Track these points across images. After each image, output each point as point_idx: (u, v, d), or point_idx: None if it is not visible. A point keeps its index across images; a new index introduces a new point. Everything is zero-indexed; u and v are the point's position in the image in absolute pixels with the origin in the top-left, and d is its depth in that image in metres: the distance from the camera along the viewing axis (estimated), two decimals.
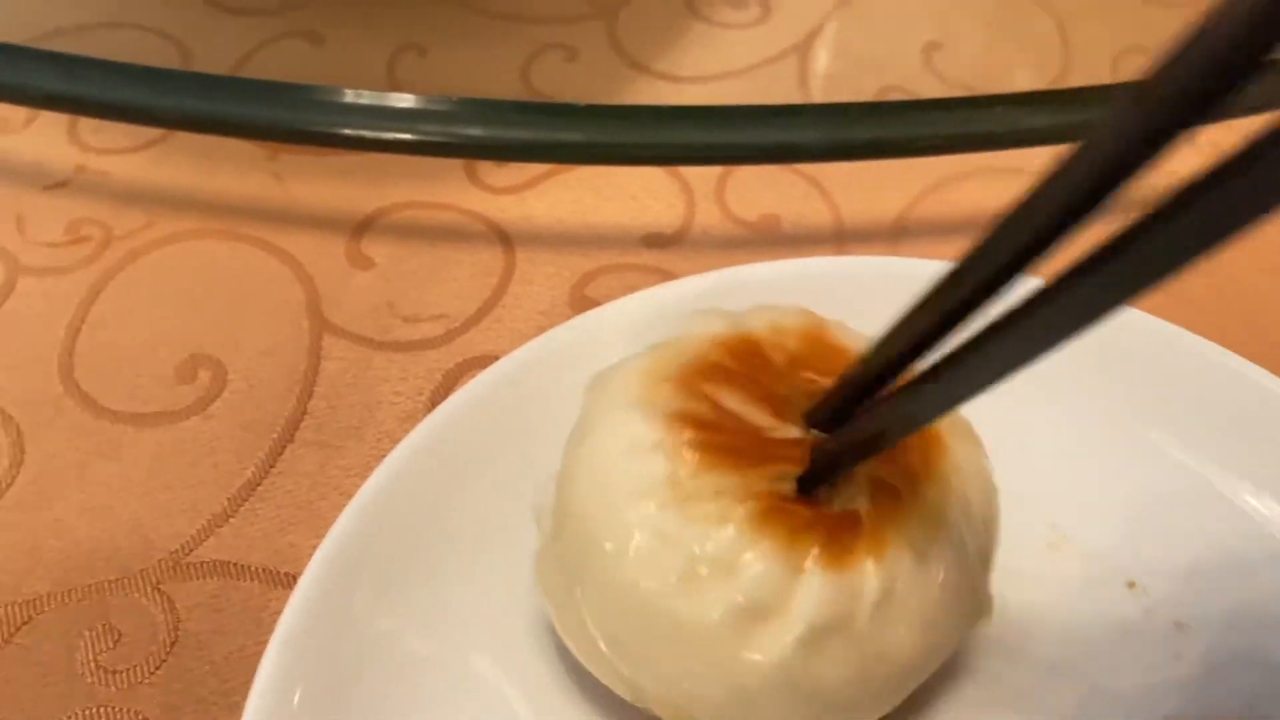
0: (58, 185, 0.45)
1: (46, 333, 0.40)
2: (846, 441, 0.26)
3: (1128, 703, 0.31)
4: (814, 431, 0.27)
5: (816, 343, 0.30)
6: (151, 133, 0.46)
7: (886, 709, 0.28)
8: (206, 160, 0.45)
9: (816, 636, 0.25)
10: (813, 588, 0.25)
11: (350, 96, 0.42)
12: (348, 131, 0.42)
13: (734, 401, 0.28)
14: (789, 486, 0.26)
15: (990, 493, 0.29)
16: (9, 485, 0.36)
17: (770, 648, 0.25)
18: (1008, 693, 0.31)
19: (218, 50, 0.50)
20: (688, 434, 0.27)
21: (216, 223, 0.44)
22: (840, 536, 0.25)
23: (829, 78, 0.51)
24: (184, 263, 0.42)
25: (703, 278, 0.39)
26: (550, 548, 0.29)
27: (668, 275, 0.42)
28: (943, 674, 0.30)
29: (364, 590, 0.30)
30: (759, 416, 0.28)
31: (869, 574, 0.25)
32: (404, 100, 0.42)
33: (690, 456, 0.26)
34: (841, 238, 0.44)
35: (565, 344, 0.36)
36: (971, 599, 0.28)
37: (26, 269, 0.42)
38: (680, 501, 0.26)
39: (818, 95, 0.50)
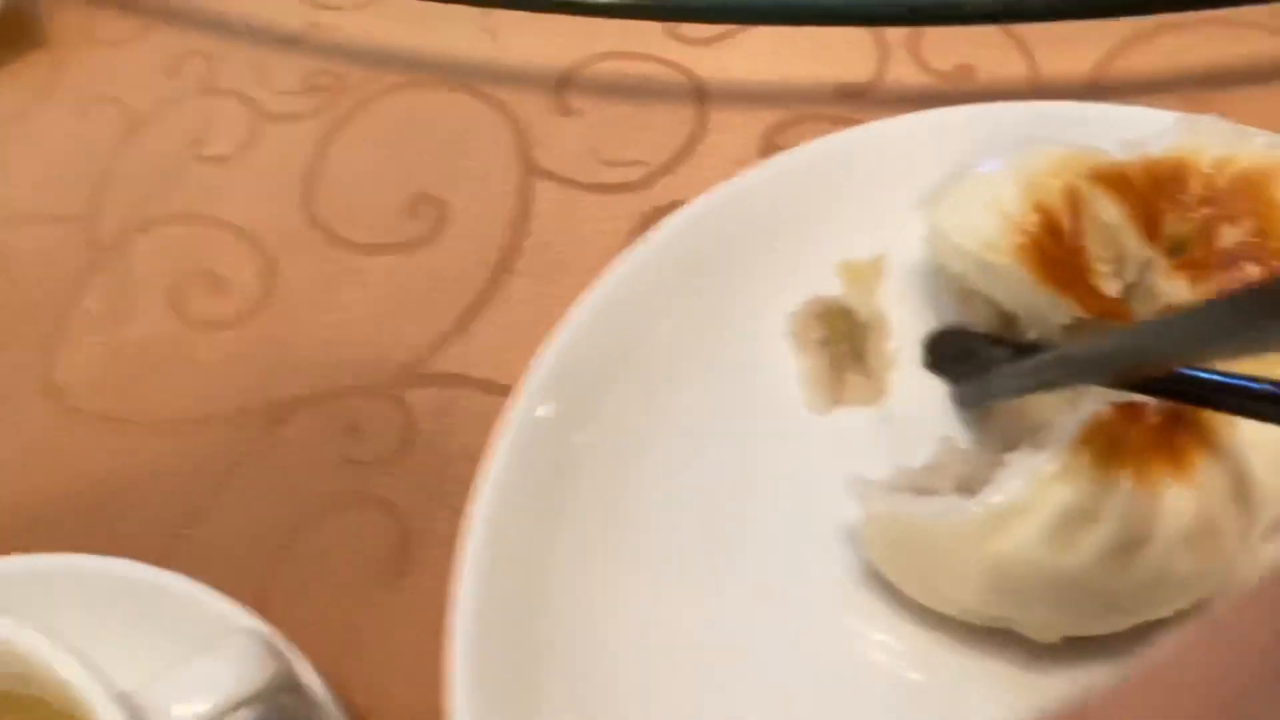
0: (293, 40, 0.49)
1: (289, 172, 0.44)
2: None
3: None
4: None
5: (1248, 184, 0.31)
6: None
7: None
8: (425, 16, 0.48)
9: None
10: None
11: None
12: None
13: (1112, 215, 0.31)
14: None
15: None
16: (265, 303, 0.41)
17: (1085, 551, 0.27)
18: None
19: None
20: (1028, 232, 0.31)
21: (435, 74, 0.47)
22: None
23: None
24: (407, 111, 0.46)
25: (892, 121, 0.40)
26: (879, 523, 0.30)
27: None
28: None
29: (573, 399, 0.34)
30: (1123, 238, 0.31)
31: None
32: None
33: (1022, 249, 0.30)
34: (1038, 92, 0.44)
35: (756, 186, 0.39)
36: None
37: (269, 115, 0.46)
38: None
39: None
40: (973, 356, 0.34)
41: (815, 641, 0.31)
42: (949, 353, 0.35)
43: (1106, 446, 0.26)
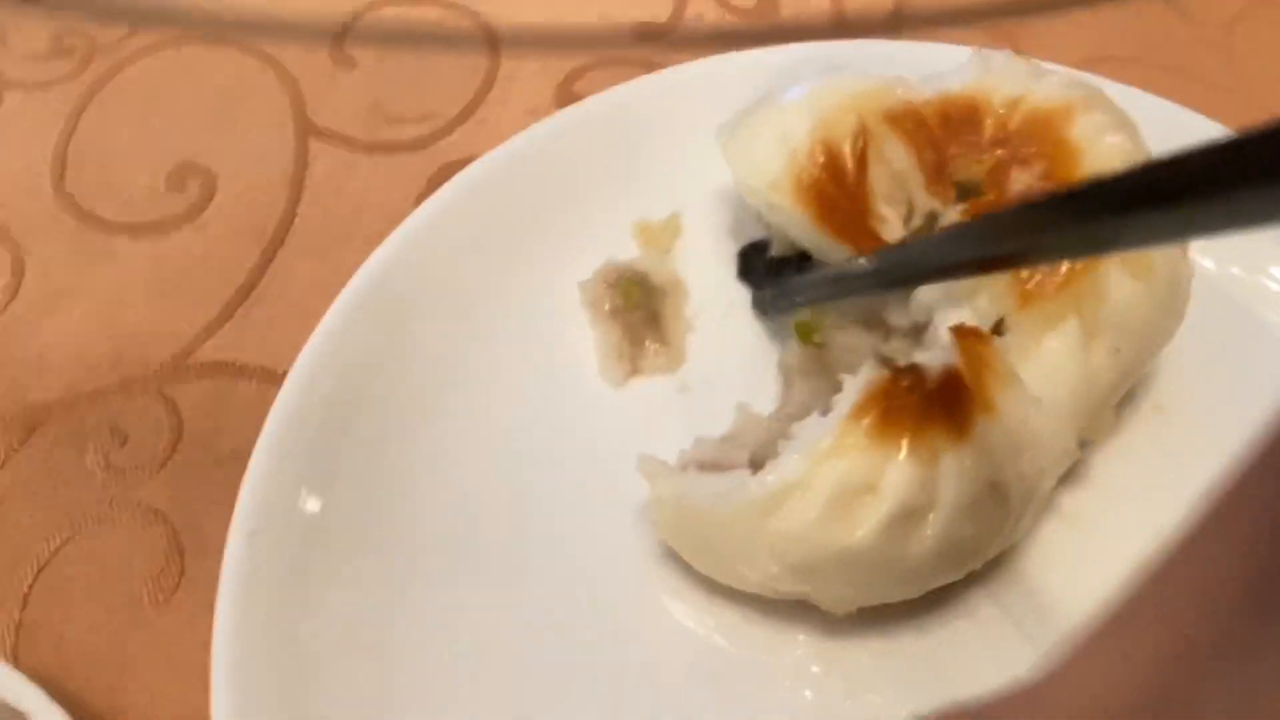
0: None
1: (36, 146, 0.40)
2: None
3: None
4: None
5: (1039, 125, 0.30)
6: None
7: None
8: None
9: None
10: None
11: None
12: None
13: (901, 161, 0.30)
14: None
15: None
16: (11, 298, 0.37)
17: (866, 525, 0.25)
18: None
19: None
20: (812, 174, 0.30)
21: (198, 29, 0.43)
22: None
23: None
24: (168, 72, 0.42)
25: (689, 67, 0.38)
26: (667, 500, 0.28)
27: (659, 69, 0.41)
28: None
29: (349, 382, 0.31)
30: (911, 185, 0.30)
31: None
32: None
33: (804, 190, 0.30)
34: (841, 26, 0.43)
35: (549, 140, 0.36)
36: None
37: (12, 83, 0.42)
38: None
39: None
40: (783, 269, 0.33)
41: (619, 616, 0.29)
42: (761, 265, 0.34)
43: (883, 416, 0.25)
